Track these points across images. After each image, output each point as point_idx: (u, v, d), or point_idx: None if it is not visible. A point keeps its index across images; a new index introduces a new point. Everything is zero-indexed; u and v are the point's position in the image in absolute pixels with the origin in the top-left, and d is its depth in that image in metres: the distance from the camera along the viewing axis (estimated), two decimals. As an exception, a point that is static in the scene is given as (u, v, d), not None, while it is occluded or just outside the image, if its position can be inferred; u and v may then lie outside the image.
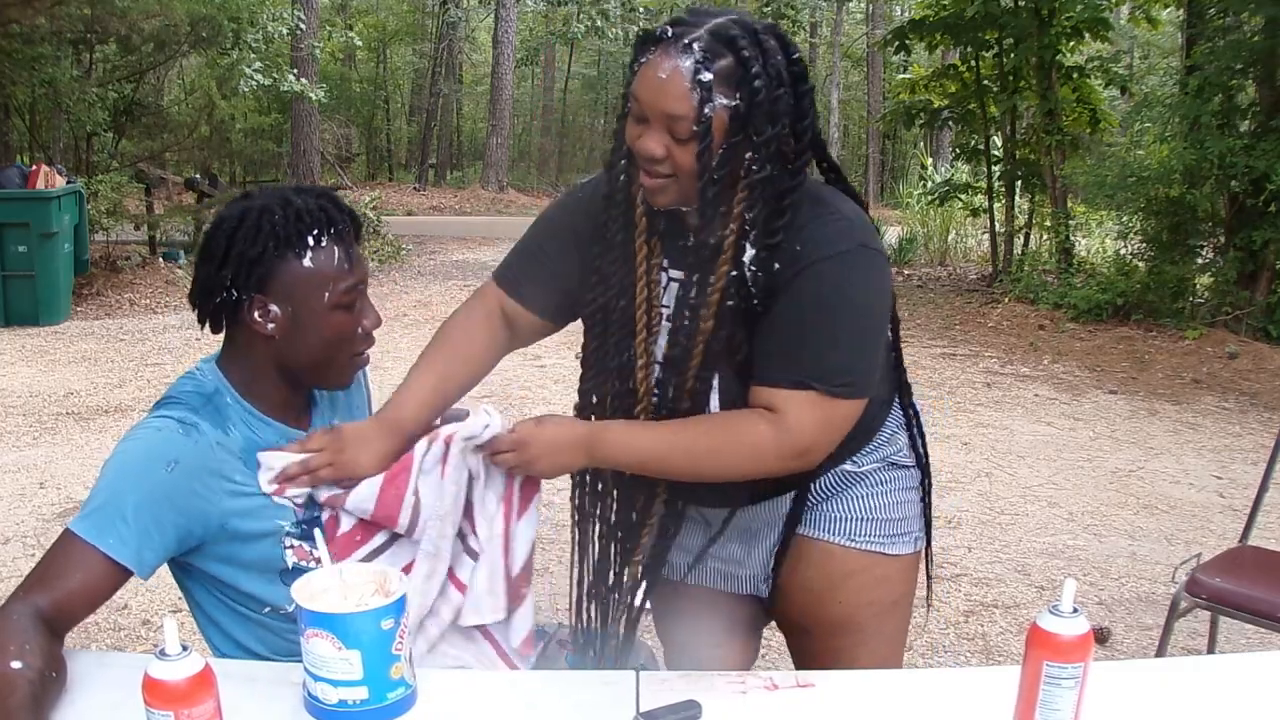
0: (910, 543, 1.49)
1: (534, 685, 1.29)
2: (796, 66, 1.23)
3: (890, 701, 1.21)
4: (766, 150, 1.22)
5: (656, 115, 1.21)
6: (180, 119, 11.04)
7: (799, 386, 1.26)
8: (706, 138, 1.19)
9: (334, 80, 19.84)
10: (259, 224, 1.28)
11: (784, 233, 1.26)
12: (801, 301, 1.27)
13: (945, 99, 10.00)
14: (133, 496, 1.22)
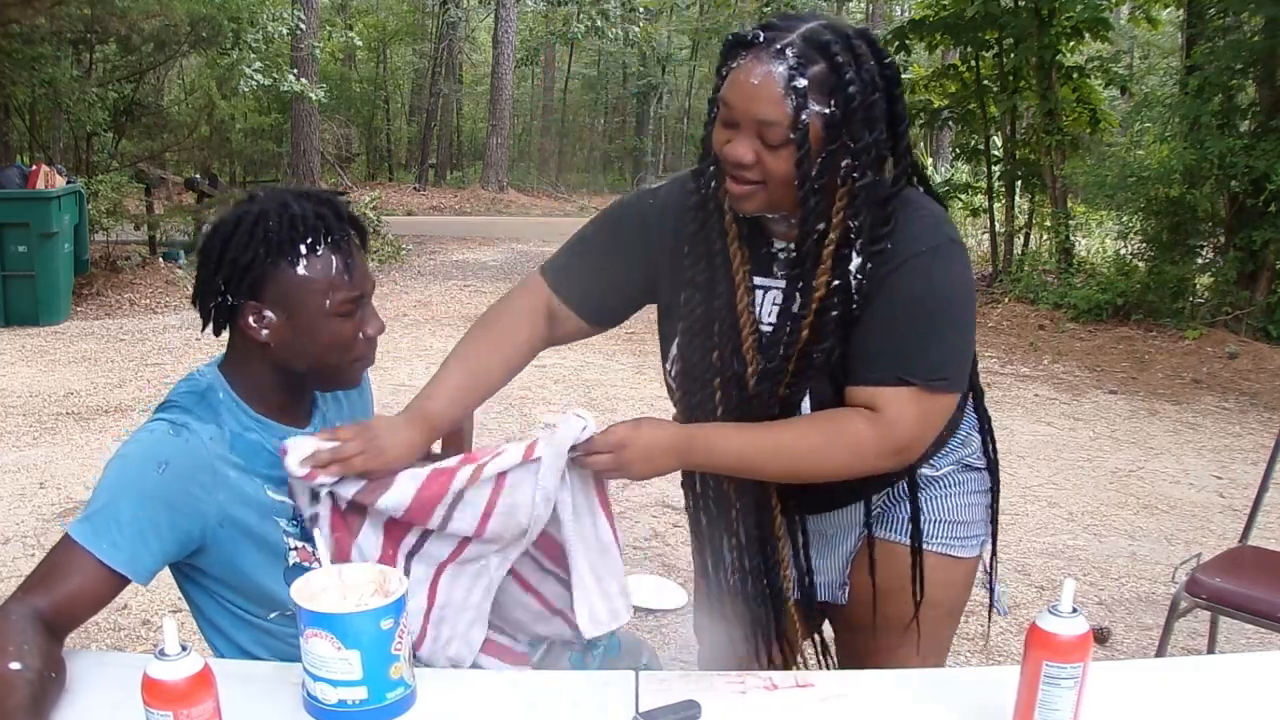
0: (975, 546, 1.50)
1: (534, 685, 1.29)
2: (889, 70, 1.23)
3: (890, 701, 1.21)
4: (866, 157, 1.21)
5: (747, 121, 1.19)
6: (180, 119, 11.04)
7: (898, 383, 1.26)
8: (804, 145, 1.18)
9: (334, 80, 19.83)
10: (253, 230, 1.25)
11: (888, 238, 1.26)
12: (895, 299, 1.26)
13: (945, 99, 10.00)
14: (126, 501, 1.21)
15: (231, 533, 1.29)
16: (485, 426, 4.48)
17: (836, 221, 1.25)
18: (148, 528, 1.21)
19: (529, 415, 4.87)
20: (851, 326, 1.30)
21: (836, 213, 1.25)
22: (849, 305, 1.28)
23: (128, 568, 1.20)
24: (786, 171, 1.20)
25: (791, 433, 1.31)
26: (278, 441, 1.32)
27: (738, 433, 1.32)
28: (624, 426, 1.29)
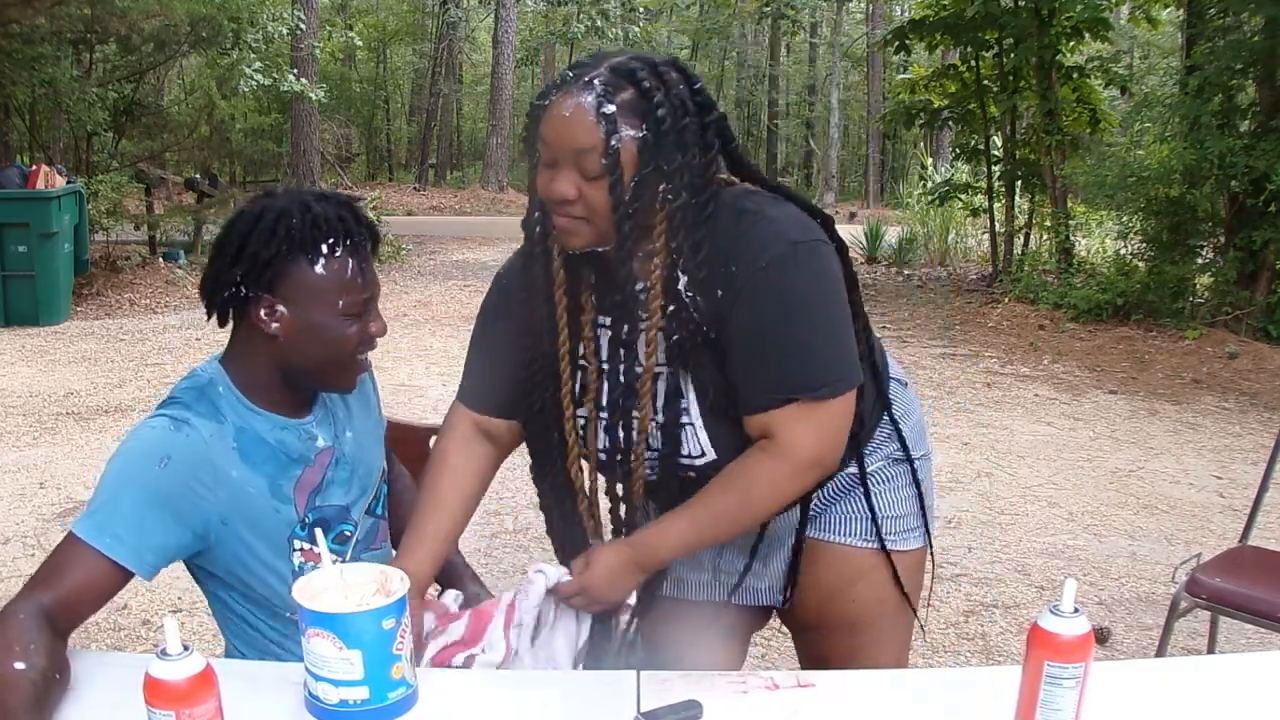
0: (919, 537, 1.50)
1: (535, 685, 1.29)
2: (700, 96, 1.24)
3: (890, 701, 1.21)
4: (679, 179, 1.21)
5: (565, 154, 1.20)
6: (180, 119, 11.03)
7: (782, 404, 1.25)
8: (616, 169, 1.18)
9: (334, 80, 19.84)
10: (275, 225, 1.27)
11: (711, 251, 1.24)
12: (751, 322, 1.25)
13: (945, 99, 10.00)
14: (129, 496, 1.23)
15: (235, 531, 1.30)
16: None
17: (659, 246, 1.24)
18: (150, 522, 1.22)
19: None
20: (715, 354, 1.27)
21: (658, 236, 1.24)
22: (696, 329, 1.26)
23: (131, 561, 1.21)
24: (606, 202, 1.20)
25: (711, 497, 1.30)
26: (279, 433, 1.34)
27: (671, 522, 1.32)
28: (577, 568, 1.35)
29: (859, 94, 24.87)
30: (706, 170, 1.24)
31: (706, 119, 1.24)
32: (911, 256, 11.42)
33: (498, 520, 3.44)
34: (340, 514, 1.42)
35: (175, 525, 1.25)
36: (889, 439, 1.47)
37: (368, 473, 1.48)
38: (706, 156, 1.24)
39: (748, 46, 27.33)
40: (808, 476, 1.30)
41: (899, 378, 1.51)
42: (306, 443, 1.39)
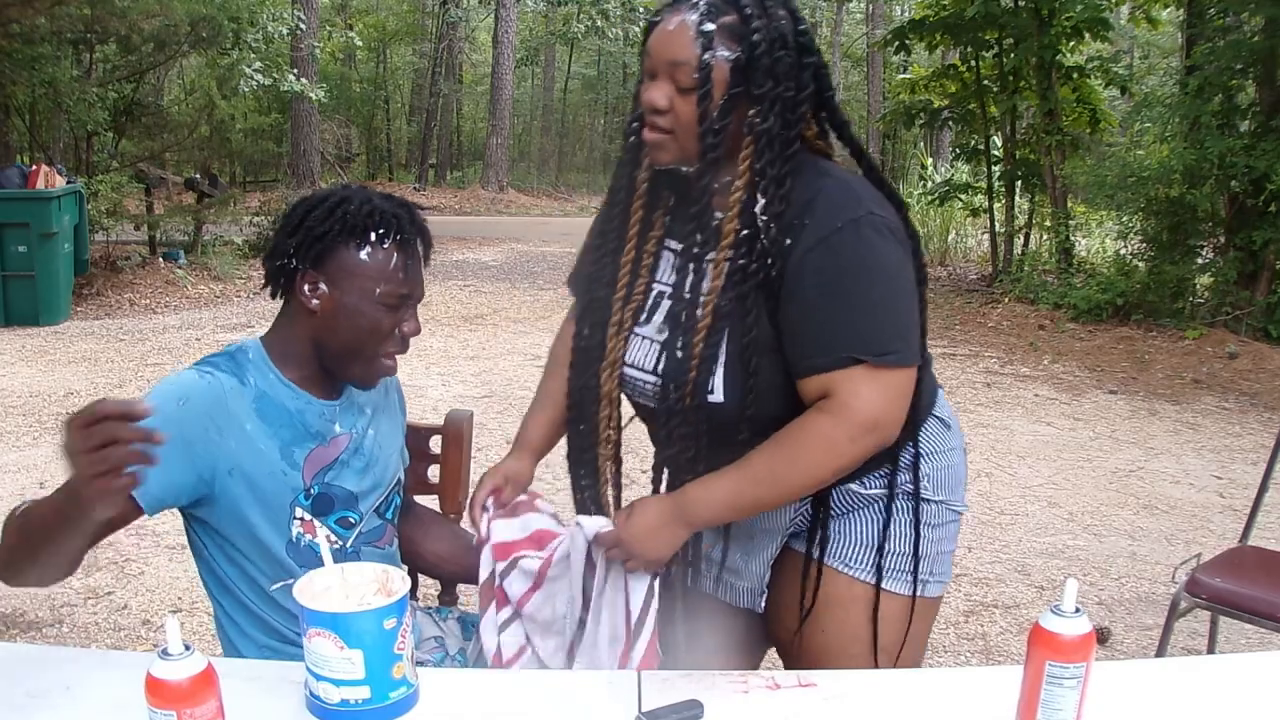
0: (909, 583, 1.40)
1: (536, 684, 1.29)
2: (804, 37, 1.26)
3: (891, 701, 1.21)
4: (768, 106, 1.24)
5: (662, 66, 1.25)
6: (180, 119, 11.02)
7: (844, 364, 1.23)
8: (707, 84, 1.22)
9: (334, 80, 19.83)
10: (334, 209, 1.35)
11: (790, 192, 1.26)
12: (821, 278, 1.25)
13: (945, 99, 10.00)
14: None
15: (239, 485, 1.33)
16: (485, 426, 4.48)
17: (742, 171, 1.27)
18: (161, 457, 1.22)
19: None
20: (767, 298, 1.27)
21: (742, 161, 1.27)
22: (762, 262, 1.26)
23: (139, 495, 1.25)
24: (694, 116, 1.24)
25: (762, 456, 1.27)
26: (301, 406, 1.39)
27: (718, 478, 1.30)
28: (619, 519, 1.34)
29: (859, 94, 24.87)
30: (797, 106, 1.26)
31: (805, 59, 1.26)
32: (911, 256, 11.41)
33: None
34: (348, 499, 1.44)
35: (183, 464, 1.29)
36: (904, 469, 1.40)
37: (383, 471, 1.50)
38: (800, 94, 1.26)
39: (748, 46, 27.31)
40: (865, 441, 1.25)
41: (944, 417, 1.46)
42: (325, 423, 1.42)
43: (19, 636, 2.72)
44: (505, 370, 5.78)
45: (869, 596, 1.40)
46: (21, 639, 2.69)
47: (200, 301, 8.11)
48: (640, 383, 1.38)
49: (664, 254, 1.39)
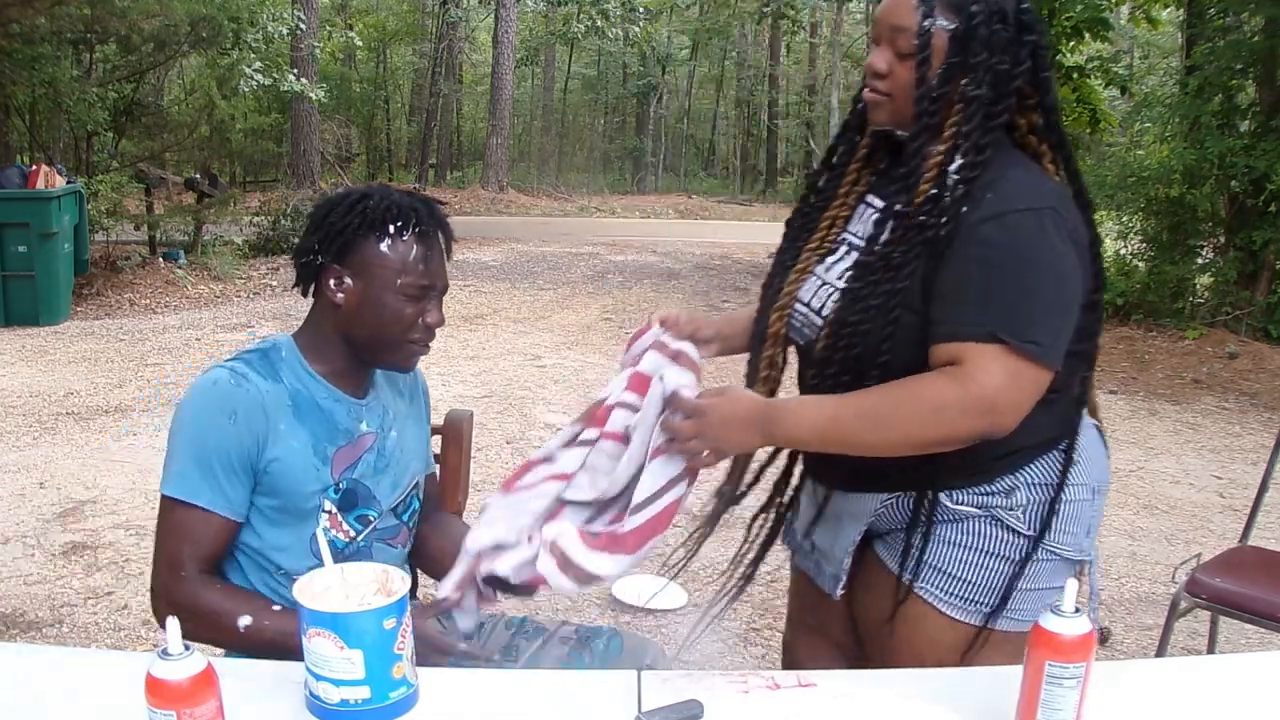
0: (976, 614, 1.35)
1: (536, 684, 1.29)
2: (1025, 15, 1.30)
3: (891, 701, 1.21)
4: (982, 76, 1.28)
5: (885, 32, 1.31)
6: (180, 119, 11.03)
7: (985, 339, 1.21)
8: (925, 50, 1.27)
9: (334, 80, 19.83)
10: (354, 204, 1.40)
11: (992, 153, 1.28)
12: (987, 251, 1.24)
13: (945, 99, 9.99)
14: (214, 454, 1.35)
15: (273, 479, 1.38)
16: (485, 426, 4.48)
17: (948, 135, 1.30)
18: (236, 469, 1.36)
19: (529, 415, 4.87)
20: (936, 260, 1.26)
21: (949, 126, 1.30)
22: (939, 218, 1.27)
23: (230, 511, 1.37)
24: (911, 80, 1.29)
25: (871, 395, 1.26)
26: (331, 403, 1.43)
27: (818, 400, 1.31)
28: (710, 393, 1.32)
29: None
30: (1010, 80, 1.29)
31: (1025, 36, 1.29)
32: (911, 256, 11.41)
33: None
34: (368, 497, 1.47)
35: (244, 473, 1.37)
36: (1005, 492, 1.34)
37: (402, 473, 1.53)
38: (1015, 69, 1.29)
39: (748, 46, 27.33)
40: (974, 420, 1.21)
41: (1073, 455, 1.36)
42: (353, 421, 1.46)
43: (19, 636, 2.72)
44: (505, 370, 5.78)
45: (930, 617, 1.37)
46: (21, 639, 2.69)
47: (200, 301, 8.11)
48: (805, 321, 1.41)
49: (864, 209, 1.42)
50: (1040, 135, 1.36)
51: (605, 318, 7.66)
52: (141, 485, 3.83)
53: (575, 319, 7.44)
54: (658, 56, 26.33)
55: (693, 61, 28.49)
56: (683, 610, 2.98)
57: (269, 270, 9.40)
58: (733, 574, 1.62)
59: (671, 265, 10.90)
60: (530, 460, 1.42)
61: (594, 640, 1.58)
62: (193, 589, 1.35)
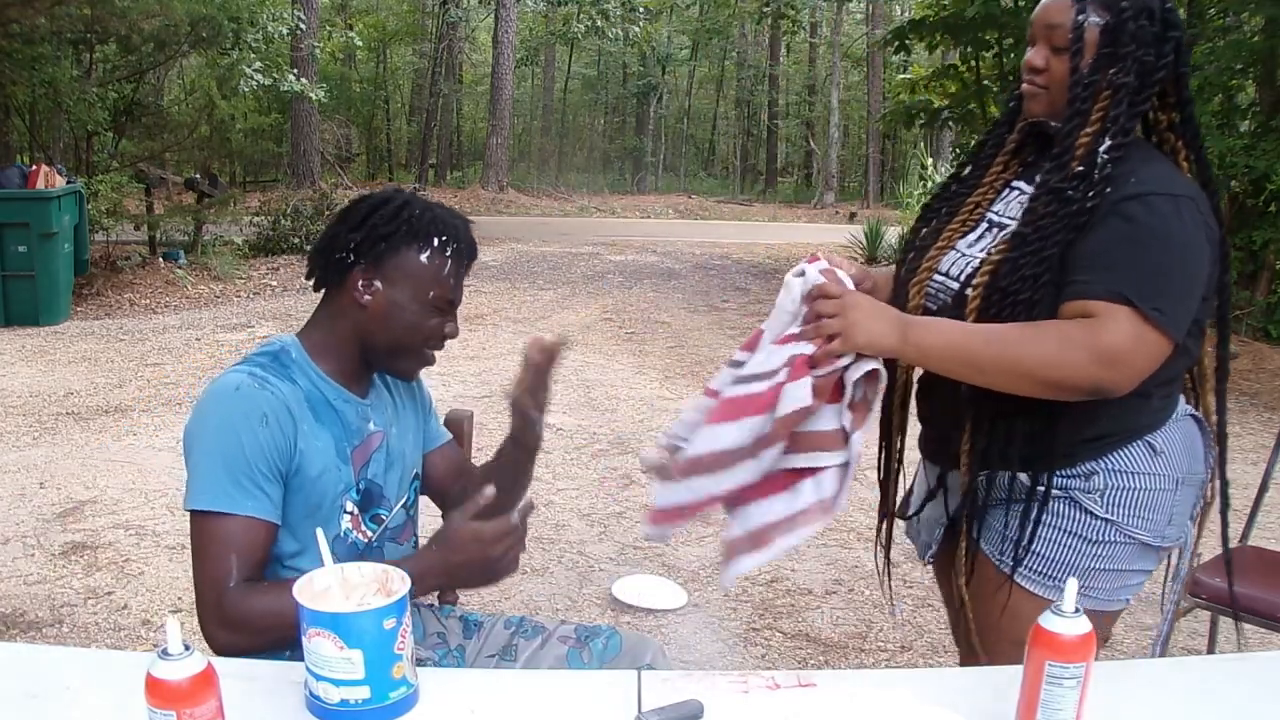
0: (1054, 589, 1.43)
1: (536, 685, 1.29)
2: (1170, 14, 1.41)
3: (891, 701, 1.21)
4: (1129, 65, 1.38)
5: (1041, 31, 1.43)
6: (180, 119, 11.03)
7: (1116, 299, 1.30)
8: (1079, 44, 1.39)
9: (334, 80, 19.84)
10: (398, 210, 1.41)
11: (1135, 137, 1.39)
12: (1127, 227, 1.33)
13: (945, 99, 10.01)
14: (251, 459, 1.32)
15: (301, 480, 1.38)
16: (485, 426, 4.48)
17: (1096, 118, 1.40)
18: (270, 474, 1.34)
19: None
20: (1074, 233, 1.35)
21: (1097, 111, 1.40)
22: (1086, 192, 1.36)
23: (272, 514, 1.35)
24: (1065, 72, 1.41)
25: (1006, 325, 1.36)
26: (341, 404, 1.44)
27: (953, 321, 1.41)
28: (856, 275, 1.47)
29: (859, 94, 24.88)
30: (1154, 71, 1.40)
31: (1169, 32, 1.41)
32: (911, 256, 11.41)
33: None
34: (380, 496, 1.49)
35: (279, 476, 1.36)
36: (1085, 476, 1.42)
37: (407, 469, 1.55)
38: (1159, 61, 1.39)
39: (748, 46, 27.34)
40: (1095, 369, 1.30)
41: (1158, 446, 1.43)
42: (361, 421, 1.47)
43: (19, 636, 2.72)
44: (505, 370, 5.78)
45: (1011, 589, 1.46)
46: (21, 639, 2.69)
47: (200, 301, 8.12)
48: (942, 288, 1.50)
49: (1009, 193, 1.52)
50: (1176, 132, 1.46)
51: (605, 318, 7.66)
52: (141, 485, 3.83)
53: (575, 319, 7.45)
54: (658, 56, 26.34)
55: (693, 61, 28.51)
56: (683, 610, 2.98)
57: (269, 270, 9.40)
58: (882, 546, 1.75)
59: (671, 265, 10.90)
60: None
61: (593, 640, 1.58)
62: (244, 600, 1.29)
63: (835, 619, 2.95)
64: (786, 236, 14.86)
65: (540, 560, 3.28)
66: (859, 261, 1.62)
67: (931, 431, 1.58)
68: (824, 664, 2.70)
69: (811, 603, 3.05)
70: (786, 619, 2.94)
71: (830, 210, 20.31)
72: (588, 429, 4.70)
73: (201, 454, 1.33)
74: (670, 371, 6.04)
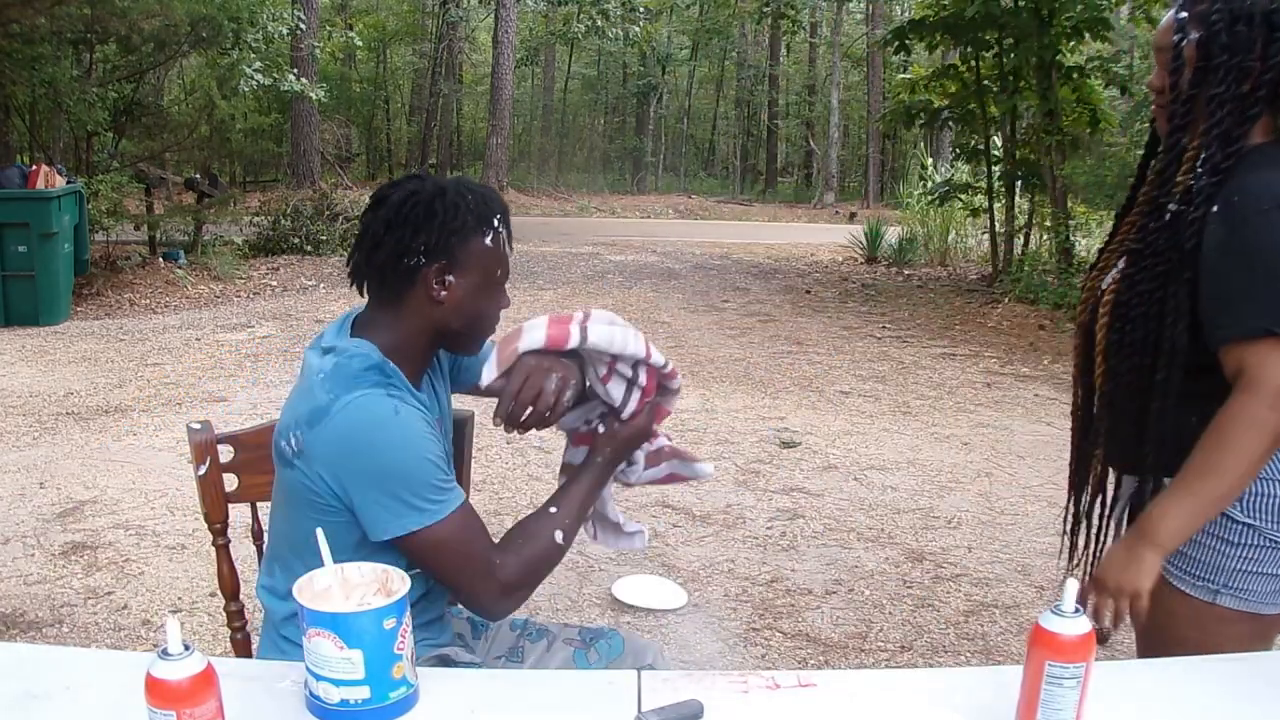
0: (1204, 590, 1.49)
1: (536, 685, 1.29)
2: (1274, 16, 1.40)
3: (891, 701, 1.21)
4: (1225, 74, 1.40)
5: (1156, 54, 1.51)
6: (180, 119, 11.03)
7: (1256, 334, 1.34)
8: (1179, 60, 1.45)
9: (334, 80, 19.84)
10: (456, 201, 1.39)
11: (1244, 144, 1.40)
12: (1249, 249, 1.35)
13: (945, 99, 10.00)
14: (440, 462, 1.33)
15: None
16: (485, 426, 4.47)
17: (1199, 131, 1.44)
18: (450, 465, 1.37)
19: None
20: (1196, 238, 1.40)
21: (1201, 121, 1.44)
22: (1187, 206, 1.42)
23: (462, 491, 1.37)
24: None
25: (1197, 451, 1.39)
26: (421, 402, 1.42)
27: (1165, 493, 1.45)
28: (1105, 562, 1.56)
29: (859, 94, 24.88)
30: (1262, 74, 1.40)
31: (1275, 34, 1.40)
32: (911, 256, 11.42)
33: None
34: None
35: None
36: None
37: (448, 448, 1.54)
38: (1266, 64, 1.40)
39: (748, 46, 27.34)
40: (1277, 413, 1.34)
41: None
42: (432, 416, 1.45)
43: (19, 636, 2.72)
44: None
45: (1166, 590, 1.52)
46: (21, 639, 2.69)
47: (200, 301, 8.12)
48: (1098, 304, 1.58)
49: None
50: None
51: (605, 318, 7.65)
52: (141, 485, 3.83)
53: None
54: (658, 56, 26.35)
55: (693, 61, 28.51)
56: (683, 610, 2.98)
57: (269, 270, 9.40)
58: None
59: (671, 265, 10.90)
60: None
61: (597, 641, 1.58)
62: (510, 564, 1.36)
63: (835, 619, 2.95)
64: (786, 236, 14.86)
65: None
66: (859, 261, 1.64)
67: (1113, 442, 1.68)
68: (824, 664, 2.70)
69: (811, 603, 3.05)
70: (786, 619, 2.94)
71: (830, 210, 20.31)
72: (588, 429, 4.70)
73: (392, 482, 1.30)
74: (670, 371, 6.04)
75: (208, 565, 3.06)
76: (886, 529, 3.63)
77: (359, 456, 1.29)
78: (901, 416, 5.16)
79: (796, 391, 5.64)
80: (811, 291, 9.43)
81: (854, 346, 6.95)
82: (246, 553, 1.90)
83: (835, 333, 7.45)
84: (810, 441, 4.65)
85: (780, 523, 3.67)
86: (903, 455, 4.49)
